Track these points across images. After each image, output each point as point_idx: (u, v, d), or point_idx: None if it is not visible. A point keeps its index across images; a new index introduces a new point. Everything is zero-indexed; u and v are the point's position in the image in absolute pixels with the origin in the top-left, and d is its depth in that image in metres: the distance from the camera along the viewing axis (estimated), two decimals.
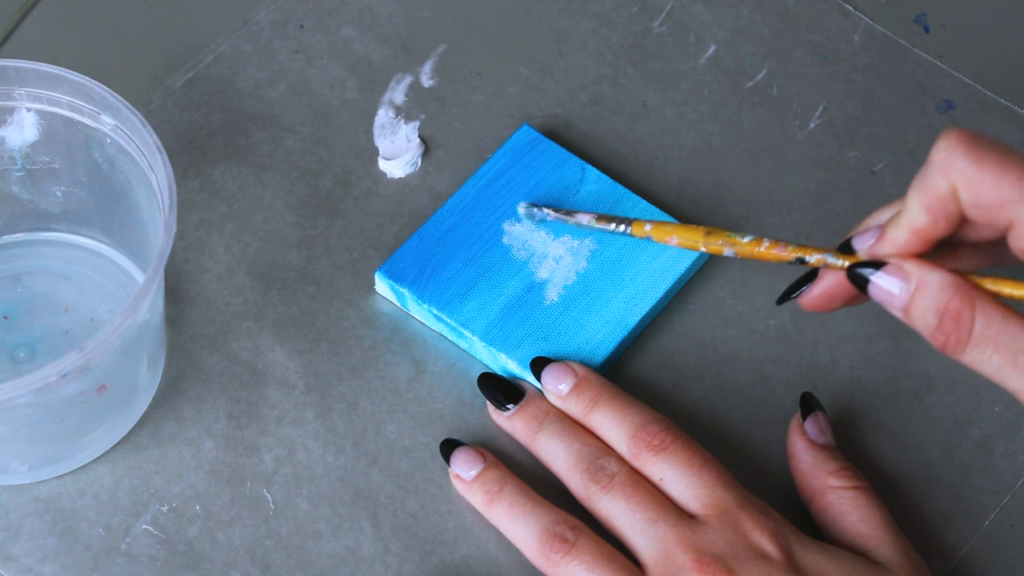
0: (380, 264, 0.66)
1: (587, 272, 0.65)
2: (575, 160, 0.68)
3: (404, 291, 0.64)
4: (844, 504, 0.58)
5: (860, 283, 0.51)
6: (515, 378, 0.63)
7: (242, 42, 0.73)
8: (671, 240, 0.59)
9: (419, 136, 0.70)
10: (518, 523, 0.58)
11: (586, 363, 0.62)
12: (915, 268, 0.50)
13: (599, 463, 0.59)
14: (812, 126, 0.72)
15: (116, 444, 0.61)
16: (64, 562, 0.59)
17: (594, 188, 0.67)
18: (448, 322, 0.64)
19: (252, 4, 0.74)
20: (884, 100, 0.73)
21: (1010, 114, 0.72)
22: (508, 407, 0.61)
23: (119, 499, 0.60)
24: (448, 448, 0.61)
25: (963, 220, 0.49)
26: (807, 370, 0.65)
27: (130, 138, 0.59)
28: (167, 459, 0.61)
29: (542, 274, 0.65)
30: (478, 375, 0.63)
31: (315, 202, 0.68)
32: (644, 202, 0.67)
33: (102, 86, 0.59)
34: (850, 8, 0.76)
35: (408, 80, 0.72)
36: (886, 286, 0.50)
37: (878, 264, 0.51)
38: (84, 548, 0.59)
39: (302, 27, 0.74)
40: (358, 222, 0.68)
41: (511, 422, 0.61)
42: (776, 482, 0.61)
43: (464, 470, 0.60)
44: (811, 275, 0.54)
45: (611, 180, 0.67)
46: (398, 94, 0.72)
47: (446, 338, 0.65)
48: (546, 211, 0.65)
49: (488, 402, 0.62)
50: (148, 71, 0.72)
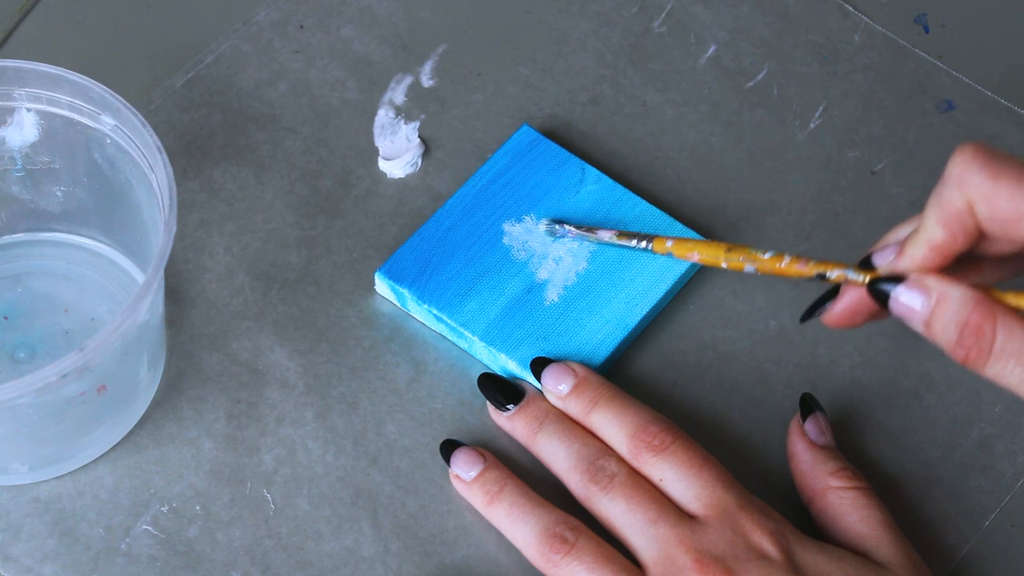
0: (380, 264, 0.66)
1: (587, 272, 0.65)
2: (575, 160, 0.68)
3: (404, 291, 0.64)
4: (844, 504, 0.58)
5: (881, 298, 0.51)
6: (515, 378, 0.63)
7: (242, 42, 0.73)
8: (692, 256, 0.59)
9: (419, 136, 0.70)
10: (518, 523, 0.58)
11: (586, 363, 0.62)
12: (935, 283, 0.50)
13: (599, 463, 0.59)
14: (812, 126, 0.72)
15: (116, 444, 0.61)
16: (64, 562, 0.59)
17: (594, 188, 0.67)
18: (448, 322, 0.64)
19: (252, 4, 0.74)
20: (884, 100, 0.73)
21: (1010, 114, 0.72)
22: (508, 407, 0.61)
23: (119, 499, 0.60)
24: (448, 448, 0.61)
25: (981, 234, 0.49)
26: (807, 370, 0.65)
27: (130, 138, 0.59)
28: (167, 459, 0.61)
29: (542, 274, 0.65)
30: (478, 375, 0.63)
31: (315, 202, 0.68)
32: (644, 202, 0.67)
33: (102, 86, 0.59)
34: (850, 8, 0.76)
35: (408, 80, 0.72)
36: (907, 301, 0.51)
37: (899, 279, 0.51)
38: (84, 548, 0.59)
39: (302, 27, 0.74)
40: (358, 222, 0.68)
41: (511, 422, 0.61)
42: (776, 482, 0.61)
43: (464, 470, 0.60)
44: (833, 292, 0.54)
45: (611, 180, 0.67)
46: (398, 94, 0.72)
47: (446, 338, 0.65)
48: (568, 228, 0.65)
49: (488, 402, 0.62)
50: (148, 71, 0.72)
